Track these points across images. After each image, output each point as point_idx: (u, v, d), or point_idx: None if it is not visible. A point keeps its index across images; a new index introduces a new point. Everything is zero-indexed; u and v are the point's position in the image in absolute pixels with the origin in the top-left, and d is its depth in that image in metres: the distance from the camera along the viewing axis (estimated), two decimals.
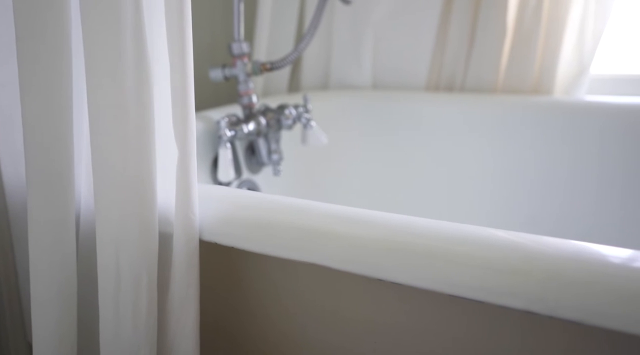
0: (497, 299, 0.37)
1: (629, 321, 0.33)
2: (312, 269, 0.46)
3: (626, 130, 0.92)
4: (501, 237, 0.39)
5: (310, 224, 0.45)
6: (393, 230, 0.41)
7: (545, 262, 0.37)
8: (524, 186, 1.00)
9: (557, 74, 1.00)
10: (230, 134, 0.80)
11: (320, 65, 1.20)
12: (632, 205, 0.91)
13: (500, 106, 1.02)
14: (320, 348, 0.50)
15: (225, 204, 0.50)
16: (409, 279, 0.40)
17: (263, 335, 0.53)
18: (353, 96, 1.14)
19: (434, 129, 1.07)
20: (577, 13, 0.97)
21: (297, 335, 0.51)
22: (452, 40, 1.07)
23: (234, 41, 0.86)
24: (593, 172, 0.94)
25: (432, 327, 0.43)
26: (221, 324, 0.55)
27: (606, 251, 0.37)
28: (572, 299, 0.35)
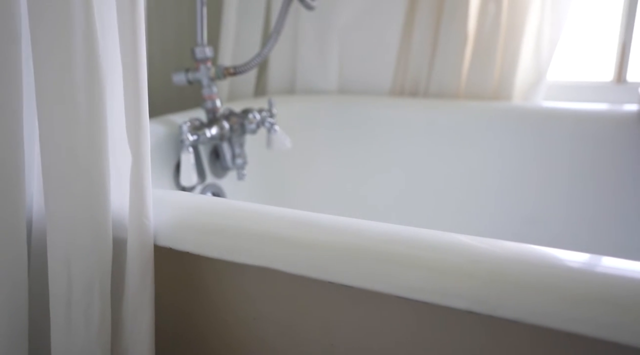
0: (442, 300, 0.38)
1: (566, 319, 0.35)
2: (266, 273, 0.47)
3: (580, 134, 0.95)
4: (448, 239, 0.41)
5: (263, 228, 0.45)
6: (343, 234, 0.42)
7: (489, 263, 0.38)
8: (485, 189, 1.03)
9: (516, 81, 1.03)
10: (192, 138, 0.80)
11: (287, 70, 1.20)
12: (579, 206, 0.95)
13: (462, 111, 1.05)
14: (278, 351, 0.50)
15: (180, 209, 0.50)
16: (358, 281, 0.41)
17: (220, 340, 0.53)
18: (319, 101, 1.15)
19: (399, 134, 1.09)
20: (534, 21, 1.00)
21: (254, 339, 0.51)
22: (416, 47, 1.09)
23: (197, 45, 0.86)
24: (548, 174, 0.97)
25: (384, 328, 0.44)
26: (178, 329, 0.55)
27: (546, 253, 0.39)
28: (512, 299, 0.36)
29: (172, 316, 0.54)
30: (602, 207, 0.94)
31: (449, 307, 0.38)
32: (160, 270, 0.51)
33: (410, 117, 1.08)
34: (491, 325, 0.38)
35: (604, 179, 0.93)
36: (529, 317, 0.35)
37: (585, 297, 0.34)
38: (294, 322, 0.48)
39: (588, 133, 0.95)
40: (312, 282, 0.45)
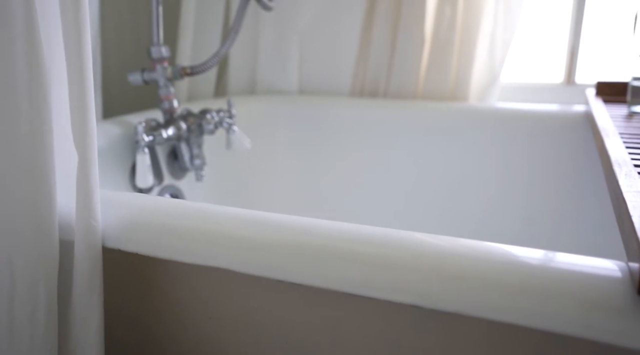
0: (387, 295, 0.39)
1: (504, 311, 0.36)
2: (218, 273, 0.47)
3: (532, 134, 0.98)
4: (392, 235, 0.42)
5: (213, 228, 0.45)
6: (291, 232, 0.43)
7: (431, 258, 0.39)
8: (442, 188, 1.05)
9: (472, 82, 1.06)
10: (148, 139, 0.79)
11: (247, 70, 1.20)
12: (530, 202, 0.98)
13: (420, 112, 1.07)
14: (233, 351, 0.50)
15: (129, 210, 0.49)
16: (307, 279, 0.41)
17: (175, 342, 0.53)
18: (279, 101, 1.15)
19: (359, 134, 1.10)
20: (488, 25, 1.03)
21: (209, 340, 0.51)
22: (375, 48, 1.10)
23: (153, 45, 0.85)
24: (502, 172, 1.00)
25: (335, 325, 0.44)
26: (130, 333, 0.54)
27: (486, 246, 0.40)
28: (453, 292, 0.37)
29: (124, 319, 0.53)
30: (553, 203, 0.97)
31: (395, 302, 0.39)
32: (111, 273, 0.50)
33: (370, 118, 1.09)
34: (435, 319, 0.39)
35: (554, 175, 0.97)
36: (469, 310, 0.37)
37: (522, 289, 0.36)
38: (248, 321, 0.48)
39: (540, 132, 0.98)
40: (264, 281, 0.45)
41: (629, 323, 0.32)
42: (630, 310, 0.33)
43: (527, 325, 0.35)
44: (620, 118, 0.74)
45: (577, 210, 0.95)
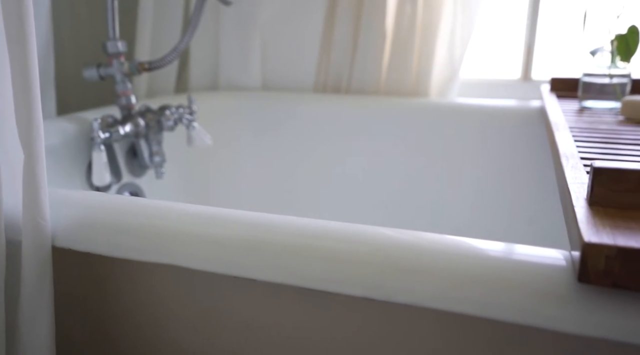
0: (342, 289, 0.39)
1: (454, 302, 0.37)
2: (173, 271, 0.46)
3: (490, 128, 1.00)
4: (347, 229, 0.42)
5: (167, 225, 0.45)
6: (245, 227, 0.42)
7: (384, 251, 0.39)
8: (404, 182, 1.06)
9: (432, 78, 1.07)
10: (104, 136, 0.77)
11: (209, 66, 1.19)
12: (489, 196, 1.00)
13: (382, 107, 1.08)
14: (192, 351, 0.50)
15: (80, 209, 0.48)
16: (262, 275, 0.41)
17: (132, 342, 0.51)
18: (242, 97, 1.14)
19: (322, 130, 1.10)
20: (447, 22, 1.05)
21: (168, 340, 0.50)
22: (337, 44, 1.10)
23: (109, 39, 0.83)
24: (462, 167, 1.02)
25: (293, 321, 0.44)
26: (85, 334, 0.52)
27: (438, 238, 0.41)
28: (406, 284, 0.38)
29: (79, 321, 0.52)
30: (510, 195, 1.00)
31: (350, 295, 0.39)
32: (63, 273, 0.49)
33: (333, 114, 1.10)
34: (388, 311, 0.39)
35: (512, 168, 0.99)
36: (421, 301, 0.37)
37: (472, 279, 0.37)
38: (207, 319, 0.48)
39: (498, 127, 1.01)
40: (220, 278, 0.44)
41: (571, 310, 0.33)
42: (572, 297, 0.34)
43: (476, 314, 0.36)
44: (571, 113, 0.77)
45: (534, 201, 0.97)
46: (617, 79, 0.77)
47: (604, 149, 0.56)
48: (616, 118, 0.72)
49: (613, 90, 0.77)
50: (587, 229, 0.34)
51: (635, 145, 0.58)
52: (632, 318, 0.32)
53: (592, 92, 0.78)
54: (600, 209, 0.38)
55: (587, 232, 0.33)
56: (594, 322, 0.33)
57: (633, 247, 0.31)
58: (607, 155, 0.54)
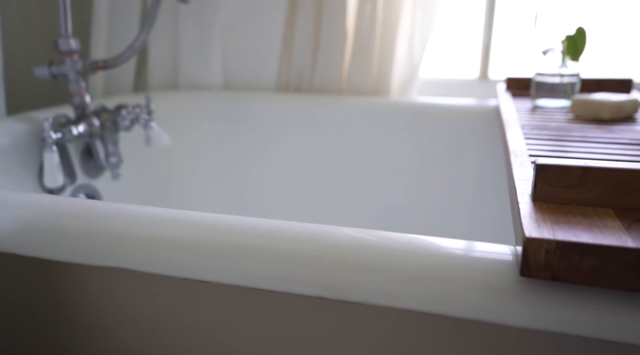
0: (294, 288, 0.39)
1: (403, 298, 0.37)
2: (124, 275, 0.45)
3: (450, 126, 1.02)
4: (299, 228, 0.42)
5: (116, 227, 0.44)
6: (195, 228, 0.42)
7: (335, 250, 0.40)
8: (367, 181, 1.07)
9: (393, 77, 1.08)
10: (56, 136, 0.74)
11: (168, 65, 1.17)
12: (449, 193, 1.02)
13: (344, 107, 1.08)
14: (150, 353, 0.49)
15: (26, 212, 0.46)
16: (213, 276, 0.41)
17: (82, 348, 0.50)
18: (203, 96, 1.13)
19: (284, 129, 1.10)
20: (407, 22, 1.06)
21: (121, 344, 0.49)
22: (298, 43, 1.10)
23: (61, 37, 0.80)
24: (423, 164, 1.04)
25: (244, 321, 0.44)
26: (32, 343, 0.51)
27: (389, 237, 0.41)
28: (357, 282, 0.38)
29: (27, 329, 0.50)
30: (472, 192, 1.02)
31: (302, 294, 0.39)
32: (7, 279, 0.47)
33: (295, 113, 1.10)
34: (341, 309, 0.39)
35: (471, 166, 1.01)
36: (372, 299, 0.38)
37: (420, 276, 0.37)
38: (161, 322, 0.47)
39: (457, 125, 1.03)
40: (172, 280, 0.44)
41: (513, 303, 0.34)
42: (515, 291, 0.35)
43: (424, 310, 0.36)
44: (524, 111, 0.79)
45: (494, 198, 1.00)
46: (567, 78, 0.79)
47: (552, 146, 0.58)
48: (566, 116, 0.75)
49: (563, 89, 0.79)
50: (529, 224, 0.35)
51: (582, 142, 0.60)
52: (570, 310, 0.33)
53: (543, 91, 0.80)
54: (543, 205, 0.39)
55: (528, 227, 0.34)
56: (534, 314, 0.34)
57: (571, 241, 0.32)
58: (555, 152, 0.55)
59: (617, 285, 0.32)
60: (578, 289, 0.34)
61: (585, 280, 0.32)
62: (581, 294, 0.33)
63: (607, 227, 0.34)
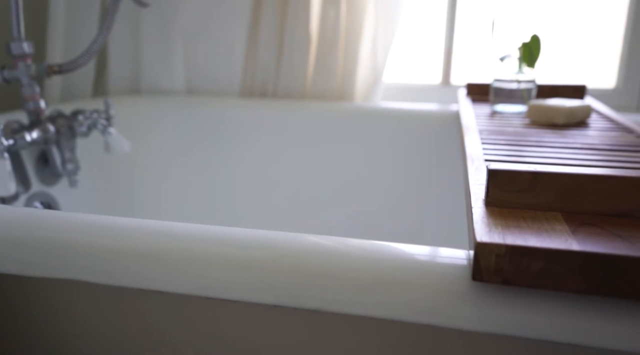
0: (249, 297, 0.39)
1: (358, 305, 0.37)
2: (76, 287, 0.44)
3: (414, 132, 1.04)
4: (254, 236, 0.41)
5: (65, 237, 0.42)
6: (148, 237, 0.41)
7: (292, 257, 0.39)
8: (333, 186, 1.07)
9: (357, 82, 1.09)
10: (8, 143, 0.72)
11: (129, 69, 1.14)
12: (413, 197, 1.04)
13: (309, 112, 1.08)
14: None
15: None
16: (168, 286, 0.40)
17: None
18: (165, 102, 1.11)
19: (249, 135, 1.09)
20: (370, 27, 1.07)
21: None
22: (262, 48, 1.10)
23: (14, 40, 0.77)
24: (387, 169, 1.05)
25: (200, 331, 0.43)
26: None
27: (345, 243, 0.41)
28: (313, 290, 0.38)
29: None
30: (437, 197, 1.03)
31: (258, 303, 0.39)
32: None
33: (260, 118, 1.09)
34: (297, 317, 0.39)
35: (433, 171, 1.03)
36: (328, 306, 0.37)
37: (376, 282, 0.37)
38: (116, 335, 0.46)
39: (420, 130, 1.04)
40: (125, 291, 0.43)
41: (466, 307, 0.35)
42: (467, 295, 0.35)
43: (379, 316, 0.36)
44: (483, 116, 0.81)
45: (457, 202, 1.01)
46: (524, 84, 0.81)
47: (508, 151, 0.59)
48: (523, 121, 0.76)
49: (520, 95, 0.81)
50: (480, 229, 0.35)
51: (537, 147, 0.61)
52: (520, 313, 0.34)
53: (502, 97, 0.82)
54: (495, 209, 0.40)
55: (480, 232, 0.35)
56: (486, 318, 0.34)
57: (520, 245, 0.33)
58: (511, 157, 0.56)
59: (563, 287, 0.33)
60: (527, 292, 0.34)
61: (533, 283, 0.33)
62: (530, 297, 0.34)
63: (555, 231, 0.35)
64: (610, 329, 0.33)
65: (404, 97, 1.17)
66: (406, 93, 1.17)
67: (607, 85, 1.10)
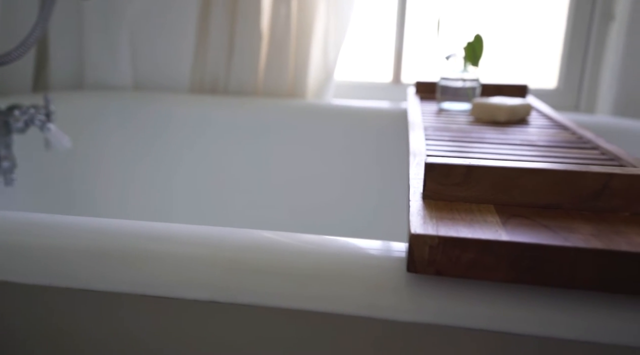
0: (185, 293, 0.38)
1: (295, 299, 0.37)
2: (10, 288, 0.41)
3: (365, 128, 1.04)
4: (192, 232, 0.40)
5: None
6: (81, 235, 0.39)
7: (229, 252, 0.39)
8: (285, 183, 1.07)
9: (309, 80, 1.09)
10: None
11: (72, 64, 1.10)
12: (363, 192, 1.05)
13: (260, 108, 1.07)
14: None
15: None
16: (98, 285, 0.38)
17: None
18: (111, 97, 1.07)
19: (198, 132, 1.07)
20: (321, 24, 1.07)
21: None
22: (213, 44, 1.08)
23: None
24: (338, 165, 1.05)
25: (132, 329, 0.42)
26: None
27: (282, 238, 0.41)
28: (250, 285, 0.37)
29: None
30: (384, 192, 1.04)
31: (192, 299, 0.38)
32: None
33: (210, 115, 1.07)
34: (234, 312, 0.38)
35: (383, 167, 1.04)
36: (265, 301, 0.37)
37: (313, 276, 0.37)
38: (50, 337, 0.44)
39: (371, 127, 1.05)
40: (54, 291, 0.41)
41: (400, 299, 0.35)
42: (402, 287, 0.35)
43: (317, 310, 0.36)
44: (430, 114, 0.82)
45: (405, 197, 1.03)
46: (469, 83, 0.83)
47: (451, 147, 0.60)
48: (467, 118, 0.78)
49: (466, 93, 0.83)
50: (415, 221, 0.36)
51: (479, 143, 0.63)
52: (453, 303, 0.34)
53: (448, 95, 0.84)
54: (432, 202, 0.40)
55: (414, 224, 0.35)
56: (421, 309, 0.35)
57: (452, 236, 0.34)
58: (453, 152, 0.58)
59: (493, 277, 0.33)
60: (460, 283, 0.35)
61: (465, 273, 0.34)
62: (463, 287, 0.35)
63: (487, 222, 0.36)
64: (538, 316, 0.34)
65: (356, 94, 1.18)
66: (357, 91, 1.18)
67: (549, 86, 1.14)
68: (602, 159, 0.54)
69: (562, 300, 0.34)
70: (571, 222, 0.37)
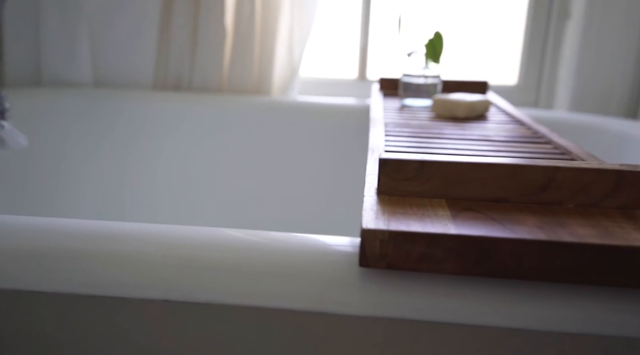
0: (137, 293, 0.37)
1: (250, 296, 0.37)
2: None
3: (330, 125, 1.05)
4: (140, 230, 0.40)
5: None
6: (29, 234, 0.38)
7: (181, 250, 0.38)
8: (250, 180, 1.06)
9: (274, 76, 1.08)
10: None
11: (29, 59, 1.07)
12: (339, 190, 1.05)
13: (225, 106, 1.06)
14: None
15: None
16: (48, 285, 0.37)
17: None
18: (70, 94, 1.05)
19: (162, 130, 1.06)
20: (286, 21, 1.07)
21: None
22: (176, 40, 1.07)
23: None
24: (303, 162, 1.05)
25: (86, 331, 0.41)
26: None
27: (237, 235, 0.41)
28: (203, 283, 0.37)
29: None
30: (348, 188, 1.05)
31: (146, 299, 0.37)
32: None
33: (174, 112, 1.06)
34: (188, 311, 0.38)
35: (348, 162, 1.05)
36: (220, 298, 0.37)
37: (266, 272, 0.37)
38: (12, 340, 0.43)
39: (336, 123, 1.05)
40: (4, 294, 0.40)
41: (353, 294, 0.35)
42: (354, 282, 0.36)
43: (271, 306, 0.36)
44: (392, 110, 0.83)
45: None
46: (430, 79, 0.84)
47: (410, 143, 0.61)
48: (428, 115, 0.80)
49: (427, 90, 0.85)
50: (367, 217, 0.36)
51: (437, 138, 0.64)
52: (404, 296, 0.35)
53: (409, 91, 0.85)
54: (386, 197, 0.41)
55: (366, 219, 0.36)
56: (373, 303, 0.35)
57: (402, 230, 0.34)
58: (411, 148, 0.58)
59: (442, 269, 0.34)
60: (411, 276, 0.36)
61: (415, 266, 0.34)
62: (413, 281, 0.35)
63: (437, 216, 0.37)
64: (487, 307, 0.35)
65: (321, 91, 1.18)
66: (323, 87, 1.18)
67: (509, 82, 1.17)
68: (554, 153, 0.56)
69: (509, 290, 0.35)
70: (518, 214, 0.38)
